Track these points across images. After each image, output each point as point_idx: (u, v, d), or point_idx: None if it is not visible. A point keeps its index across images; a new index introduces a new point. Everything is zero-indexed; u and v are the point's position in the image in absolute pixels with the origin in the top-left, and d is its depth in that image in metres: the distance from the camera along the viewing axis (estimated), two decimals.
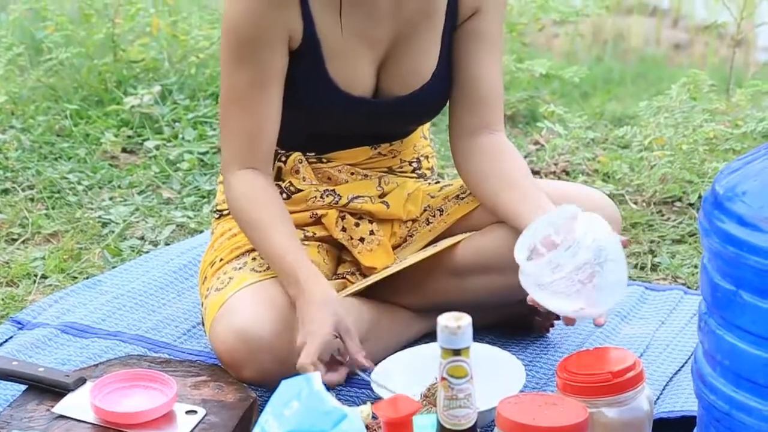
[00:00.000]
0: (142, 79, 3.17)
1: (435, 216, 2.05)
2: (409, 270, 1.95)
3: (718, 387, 1.55)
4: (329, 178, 2.02)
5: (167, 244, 2.48)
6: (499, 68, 1.97)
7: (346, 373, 1.76)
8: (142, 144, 2.95)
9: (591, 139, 2.90)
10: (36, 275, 2.35)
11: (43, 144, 2.92)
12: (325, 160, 2.02)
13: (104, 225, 2.56)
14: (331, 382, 1.72)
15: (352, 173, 2.03)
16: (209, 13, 3.43)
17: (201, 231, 2.53)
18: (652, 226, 2.55)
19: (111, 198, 2.68)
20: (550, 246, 1.72)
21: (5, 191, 2.71)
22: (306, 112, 1.94)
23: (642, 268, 2.39)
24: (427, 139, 2.12)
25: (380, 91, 1.95)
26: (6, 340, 2.07)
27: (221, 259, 1.97)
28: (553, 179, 2.75)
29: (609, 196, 2.11)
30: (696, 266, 2.36)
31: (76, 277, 2.35)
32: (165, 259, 2.35)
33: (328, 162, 2.02)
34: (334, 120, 1.95)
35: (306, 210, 1.99)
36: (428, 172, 2.11)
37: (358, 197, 2.01)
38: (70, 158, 2.86)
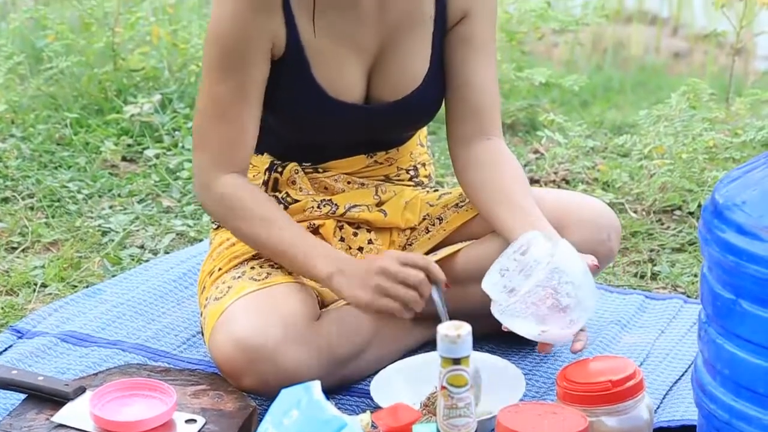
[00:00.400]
0: (142, 87, 3.17)
1: (434, 224, 2.05)
2: None
3: (718, 396, 1.55)
4: (326, 188, 2.02)
5: (167, 252, 2.48)
6: (493, 74, 1.97)
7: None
8: (142, 152, 2.95)
9: (591, 148, 2.90)
10: (36, 284, 2.35)
11: (43, 153, 2.92)
12: (321, 170, 2.02)
13: (104, 234, 2.56)
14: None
15: (348, 182, 2.03)
16: (209, 22, 3.43)
17: (201, 240, 2.53)
18: (651, 234, 2.55)
19: (111, 206, 2.68)
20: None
21: (5, 200, 2.71)
22: (297, 121, 1.94)
23: (642, 276, 2.39)
24: (424, 146, 2.12)
25: (371, 97, 1.95)
26: (5, 349, 2.07)
27: (220, 269, 1.97)
28: (552, 188, 2.75)
29: (609, 205, 2.11)
30: (696, 275, 2.36)
31: (75, 286, 2.35)
32: (165, 267, 2.35)
33: (325, 172, 2.02)
34: (326, 128, 1.95)
35: (303, 220, 1.99)
36: (425, 180, 2.11)
37: (355, 206, 2.01)
38: (70, 167, 2.87)
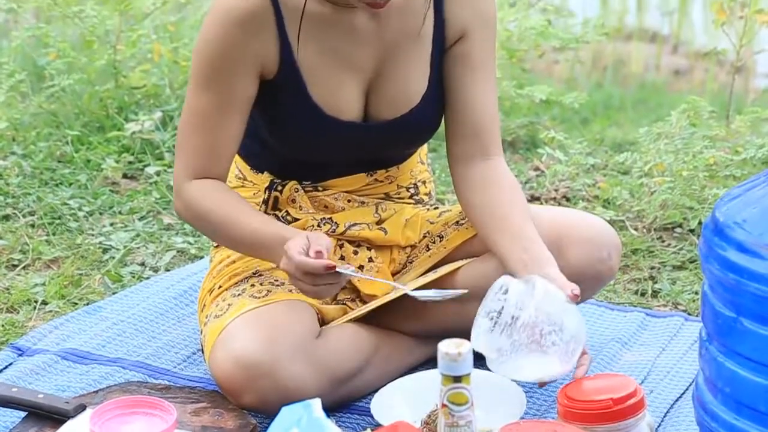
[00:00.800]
0: (144, 105, 3.17)
1: (435, 242, 2.05)
2: (409, 296, 1.95)
3: (720, 414, 1.55)
4: (326, 207, 2.02)
5: (168, 270, 2.48)
6: (493, 93, 1.97)
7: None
8: (142, 170, 2.95)
9: (591, 165, 2.90)
10: (36, 301, 2.34)
11: (44, 170, 2.92)
12: (321, 189, 2.02)
13: (105, 251, 2.56)
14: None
15: (348, 200, 2.03)
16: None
17: (201, 257, 2.53)
18: (652, 252, 2.55)
19: (112, 224, 2.69)
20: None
21: (6, 217, 2.71)
22: (295, 139, 1.94)
23: (642, 294, 2.38)
24: (424, 164, 2.12)
25: (369, 115, 1.96)
26: (6, 367, 2.06)
27: (220, 286, 1.97)
28: (553, 205, 2.75)
29: (609, 223, 2.11)
30: (697, 293, 2.36)
31: (76, 303, 2.35)
32: (165, 285, 2.35)
33: (325, 190, 2.02)
34: (324, 146, 1.96)
35: None
36: (426, 198, 2.11)
37: (355, 224, 2.01)
38: (71, 184, 2.87)
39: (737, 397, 1.53)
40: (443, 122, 2.01)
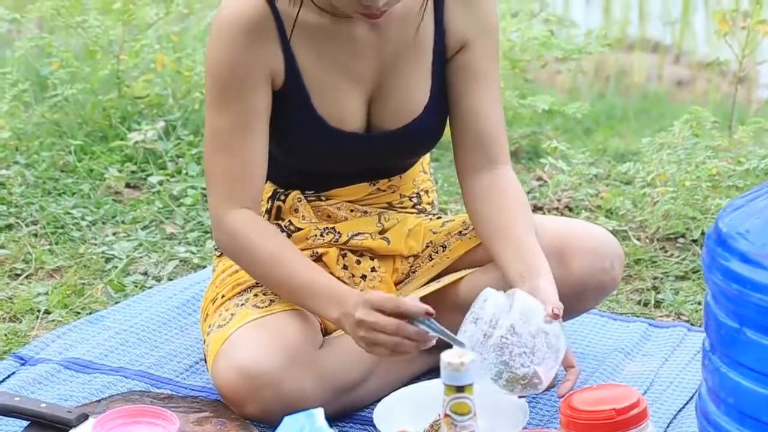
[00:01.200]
0: (146, 114, 3.18)
1: (438, 252, 2.05)
2: None
3: (723, 425, 1.54)
4: (329, 216, 2.02)
5: (170, 279, 2.48)
6: (497, 102, 1.97)
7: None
8: (145, 179, 2.95)
9: (594, 175, 2.90)
10: (39, 311, 2.35)
11: (47, 179, 2.93)
12: (324, 198, 2.02)
13: (107, 260, 2.56)
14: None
15: (351, 210, 2.03)
16: (206, 56, 3.44)
17: (204, 266, 2.53)
18: (655, 262, 2.54)
19: (114, 233, 2.69)
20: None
21: (9, 227, 2.72)
22: (298, 150, 1.94)
23: (645, 304, 2.38)
24: (427, 173, 2.13)
25: (372, 125, 1.96)
26: (8, 376, 2.07)
27: (223, 296, 1.97)
28: (556, 215, 2.75)
29: (612, 233, 2.11)
30: (699, 303, 2.36)
31: (79, 313, 2.35)
32: (168, 294, 2.35)
33: (327, 200, 2.02)
34: (327, 157, 1.96)
35: (306, 248, 1.99)
36: (428, 207, 2.11)
37: (358, 234, 2.01)
38: (73, 194, 2.87)
39: (740, 408, 1.52)
40: (450, 134, 2.01)
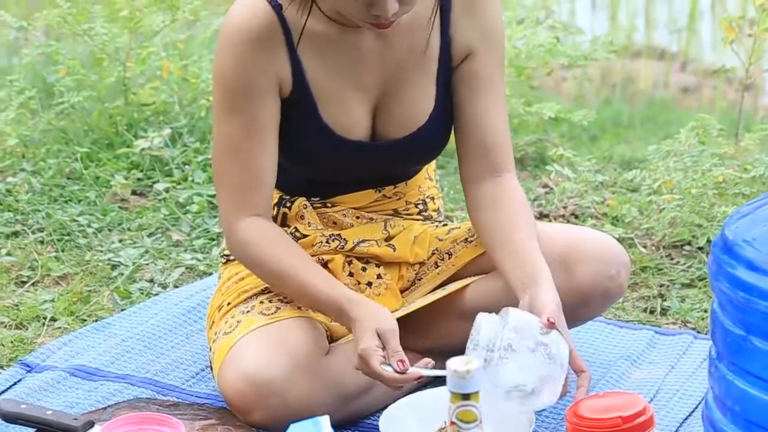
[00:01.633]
0: (153, 122, 3.18)
1: (443, 259, 2.05)
2: (417, 313, 1.95)
3: None
4: (334, 223, 2.02)
5: (176, 286, 2.48)
6: (502, 110, 1.97)
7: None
8: (151, 186, 2.96)
9: (600, 183, 2.90)
10: (45, 318, 2.35)
11: (53, 187, 2.93)
12: (329, 205, 2.02)
13: (114, 267, 2.57)
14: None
15: (357, 217, 2.03)
16: (213, 64, 3.45)
17: (210, 273, 2.53)
18: (661, 270, 2.54)
19: (120, 240, 2.69)
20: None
21: (15, 234, 2.72)
22: (304, 157, 1.95)
23: (651, 312, 2.38)
24: (432, 180, 2.13)
25: (377, 134, 1.96)
26: (15, 383, 2.07)
27: (229, 303, 1.97)
28: (562, 223, 2.75)
29: (618, 240, 2.11)
30: (706, 310, 2.36)
31: (85, 320, 2.35)
32: (174, 301, 2.35)
33: (333, 206, 2.02)
34: (333, 165, 1.96)
35: (312, 255, 1.99)
36: (434, 214, 2.11)
37: (364, 241, 2.01)
38: (80, 201, 2.87)
39: (747, 416, 1.52)
40: (454, 141, 2.01)
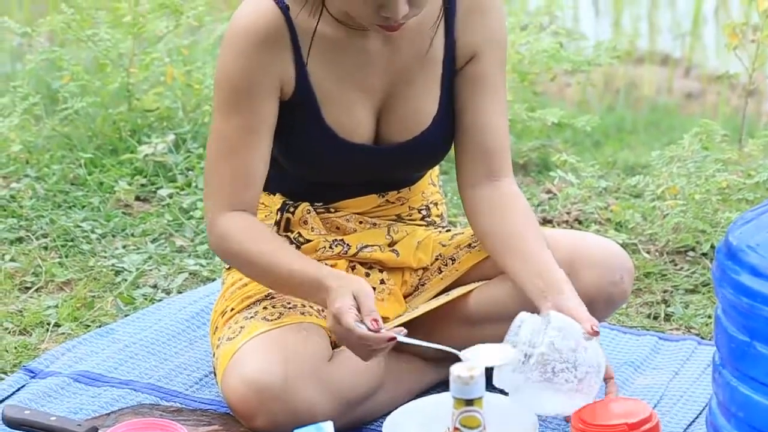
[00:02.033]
0: (156, 127, 3.19)
1: (447, 264, 2.05)
2: (421, 319, 1.95)
3: None
4: (338, 228, 2.02)
5: (180, 292, 2.48)
6: (503, 114, 1.97)
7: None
8: (155, 192, 2.96)
9: (603, 188, 2.90)
10: (49, 324, 2.35)
11: (57, 192, 2.93)
12: (333, 210, 2.02)
13: (117, 273, 2.57)
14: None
15: (360, 222, 2.03)
16: (217, 63, 3.45)
17: (214, 279, 2.53)
18: (665, 275, 2.54)
19: (124, 246, 2.69)
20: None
21: (19, 240, 2.73)
22: (307, 161, 1.95)
23: (655, 318, 2.38)
24: (435, 185, 2.13)
25: (381, 137, 1.96)
26: (18, 389, 2.07)
27: (232, 309, 1.97)
28: (565, 228, 2.75)
29: (622, 246, 2.11)
30: (710, 316, 2.35)
31: (88, 326, 2.35)
32: (177, 307, 2.35)
33: (336, 211, 2.02)
34: (336, 168, 1.96)
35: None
36: (437, 219, 2.11)
37: (367, 246, 2.01)
38: (83, 207, 2.88)
39: (751, 422, 1.52)
40: (453, 145, 2.01)
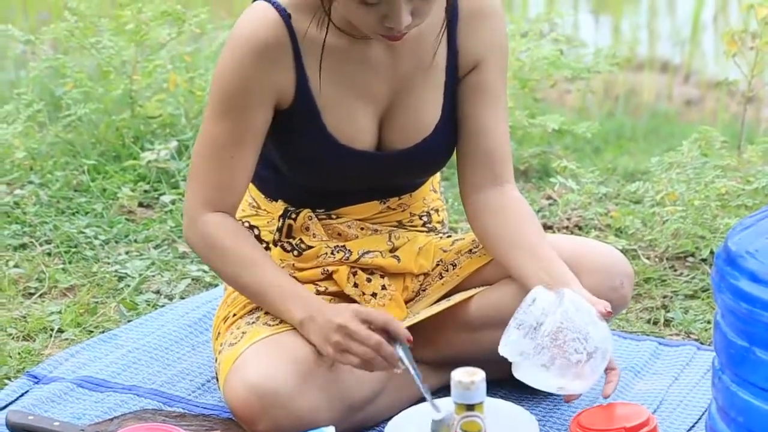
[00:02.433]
0: (159, 134, 3.20)
1: (448, 270, 2.06)
2: (422, 324, 1.96)
3: None
4: (339, 234, 2.03)
5: (182, 298, 2.49)
6: (505, 122, 1.99)
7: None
8: (158, 198, 2.97)
9: (603, 195, 2.91)
10: (52, 329, 2.36)
11: (60, 199, 2.94)
12: (334, 216, 2.03)
13: (120, 279, 2.58)
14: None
15: (362, 228, 2.04)
16: (217, 64, 3.46)
17: (216, 285, 2.54)
18: (664, 281, 2.55)
19: (127, 252, 2.70)
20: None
21: (23, 246, 2.74)
22: (309, 168, 1.96)
23: (655, 323, 2.39)
24: (437, 192, 2.14)
25: (383, 144, 1.98)
26: (22, 395, 2.08)
27: (234, 314, 1.98)
28: (565, 234, 2.76)
29: (621, 252, 2.12)
30: (709, 322, 2.36)
31: (92, 331, 2.36)
32: (180, 312, 2.36)
33: (338, 218, 2.03)
34: (337, 175, 1.97)
35: (317, 266, 2.00)
36: (438, 226, 2.12)
37: (368, 252, 2.02)
38: (87, 213, 2.89)
39: (750, 427, 1.53)
40: (455, 151, 2.02)
